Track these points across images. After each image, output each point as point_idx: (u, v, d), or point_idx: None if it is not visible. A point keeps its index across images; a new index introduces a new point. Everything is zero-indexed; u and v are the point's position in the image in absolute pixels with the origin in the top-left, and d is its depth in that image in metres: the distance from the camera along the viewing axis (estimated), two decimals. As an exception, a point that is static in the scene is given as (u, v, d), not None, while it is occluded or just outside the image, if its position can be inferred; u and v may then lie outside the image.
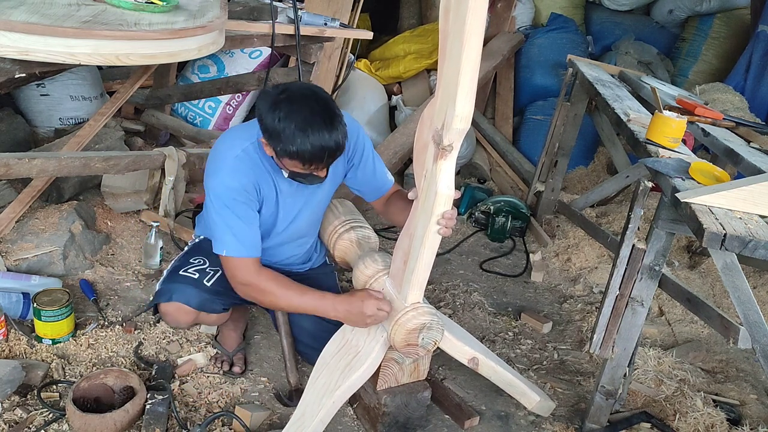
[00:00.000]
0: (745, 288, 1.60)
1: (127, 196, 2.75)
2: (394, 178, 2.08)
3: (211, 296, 1.88)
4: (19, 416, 1.74)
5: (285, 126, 1.57)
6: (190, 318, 1.90)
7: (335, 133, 1.59)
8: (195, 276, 1.89)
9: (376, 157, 1.96)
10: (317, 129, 1.57)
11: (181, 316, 1.89)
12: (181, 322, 1.92)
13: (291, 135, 1.57)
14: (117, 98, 2.59)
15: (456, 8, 1.33)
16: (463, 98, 1.35)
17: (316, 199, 1.94)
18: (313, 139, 1.57)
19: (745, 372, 2.39)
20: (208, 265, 1.94)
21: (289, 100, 1.59)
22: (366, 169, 1.93)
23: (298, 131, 1.56)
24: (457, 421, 2.00)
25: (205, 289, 1.87)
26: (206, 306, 1.88)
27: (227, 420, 1.84)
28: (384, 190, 1.98)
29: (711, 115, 2.46)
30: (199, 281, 1.88)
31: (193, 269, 1.91)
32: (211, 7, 2.13)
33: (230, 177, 1.71)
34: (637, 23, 4.59)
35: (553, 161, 3.37)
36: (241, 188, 1.72)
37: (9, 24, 1.60)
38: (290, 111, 1.57)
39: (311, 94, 1.62)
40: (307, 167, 1.65)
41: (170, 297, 1.86)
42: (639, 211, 1.77)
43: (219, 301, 1.91)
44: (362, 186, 1.98)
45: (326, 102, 1.62)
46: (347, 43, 3.67)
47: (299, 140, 1.57)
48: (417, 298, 1.70)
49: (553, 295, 2.87)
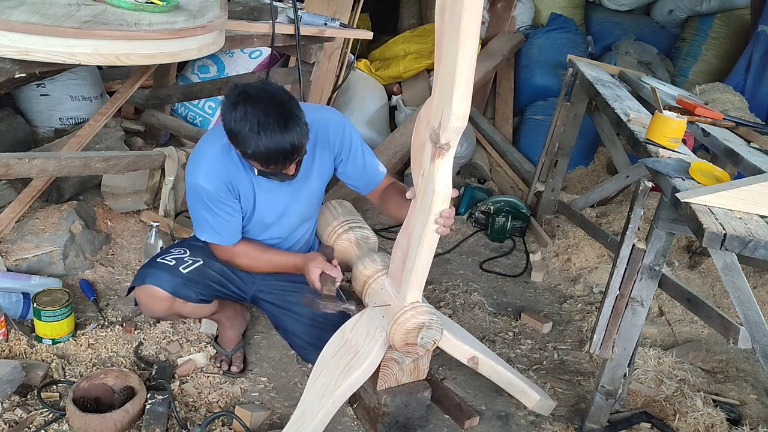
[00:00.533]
0: (745, 288, 1.60)
1: (127, 196, 2.75)
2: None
3: (184, 282, 1.87)
4: (19, 416, 1.74)
5: (240, 128, 1.60)
6: (163, 306, 1.87)
7: (290, 134, 1.60)
8: (171, 263, 1.91)
9: (366, 150, 1.97)
10: (270, 131, 1.58)
11: (154, 303, 1.87)
12: (154, 309, 1.90)
13: (246, 137, 1.60)
14: (117, 98, 2.59)
15: (451, 7, 1.33)
16: (459, 96, 1.36)
17: (304, 194, 1.96)
18: (266, 141, 1.59)
19: (745, 372, 2.39)
20: (188, 254, 1.95)
21: (245, 102, 1.60)
22: (356, 163, 1.95)
23: (252, 133, 1.59)
24: (457, 421, 2.00)
25: (179, 275, 1.88)
26: (179, 291, 1.87)
27: (227, 420, 1.84)
28: (376, 182, 1.99)
29: (711, 115, 2.46)
30: (175, 267, 1.89)
31: (171, 257, 1.93)
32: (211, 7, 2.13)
33: (205, 179, 1.77)
34: (637, 23, 4.59)
35: (553, 161, 3.37)
36: (216, 190, 1.78)
37: (9, 24, 1.60)
38: (245, 113, 1.59)
39: (267, 95, 1.62)
40: (267, 167, 1.68)
41: (143, 280, 1.87)
42: (639, 211, 1.77)
43: (194, 288, 1.90)
44: (354, 180, 2.00)
45: (282, 103, 1.62)
46: (347, 43, 3.66)
47: (253, 142, 1.60)
48: (416, 297, 1.70)
49: (553, 295, 2.87)
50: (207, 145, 1.82)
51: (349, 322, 1.86)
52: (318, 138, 1.87)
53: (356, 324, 1.84)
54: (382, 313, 1.77)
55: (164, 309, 1.90)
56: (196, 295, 1.91)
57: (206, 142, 1.84)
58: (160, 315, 1.96)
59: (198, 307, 1.97)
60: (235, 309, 2.20)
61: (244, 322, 2.23)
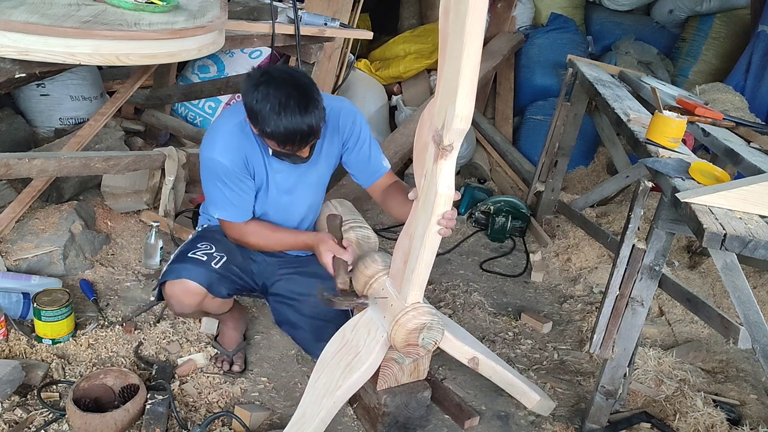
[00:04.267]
0: (745, 288, 1.60)
1: (127, 196, 2.75)
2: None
3: (218, 277, 1.90)
4: (19, 416, 1.74)
5: (261, 107, 1.65)
6: (195, 300, 1.87)
7: (309, 116, 1.65)
8: (203, 259, 1.93)
9: (373, 143, 2.00)
10: (290, 112, 1.63)
11: (187, 297, 1.87)
12: (185, 304, 1.89)
13: (266, 116, 1.65)
14: (117, 98, 2.59)
15: (456, 8, 1.33)
16: (463, 98, 1.36)
17: (311, 179, 1.98)
18: (285, 122, 1.64)
19: (745, 372, 2.39)
20: (215, 250, 1.97)
21: (268, 83, 1.65)
22: (360, 154, 1.98)
23: (272, 113, 1.64)
24: (457, 421, 2.00)
25: (212, 270, 1.90)
26: (213, 287, 1.89)
27: (227, 420, 1.84)
28: (378, 176, 2.01)
29: (711, 115, 2.46)
30: (207, 263, 1.91)
31: (201, 252, 1.95)
32: (211, 7, 2.13)
33: (221, 154, 1.80)
34: (637, 23, 4.60)
35: (553, 161, 3.37)
36: (232, 165, 1.81)
37: (9, 24, 1.60)
38: (267, 93, 1.64)
39: (289, 78, 1.68)
40: (283, 148, 1.72)
41: (179, 275, 1.87)
42: (639, 211, 1.77)
43: (224, 284, 1.93)
44: (357, 171, 2.02)
45: (304, 87, 1.67)
46: (347, 43, 3.66)
47: (273, 122, 1.65)
48: (417, 298, 1.70)
49: (553, 295, 2.87)
50: (223, 122, 1.86)
51: (350, 322, 1.86)
52: (328, 124, 1.91)
53: (357, 324, 1.83)
54: (383, 313, 1.77)
55: (195, 304, 1.90)
56: (226, 290, 1.94)
57: (222, 120, 1.87)
58: (188, 310, 1.94)
59: (224, 303, 1.99)
60: (240, 309, 2.21)
61: (245, 323, 2.24)
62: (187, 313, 2.00)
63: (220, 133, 1.83)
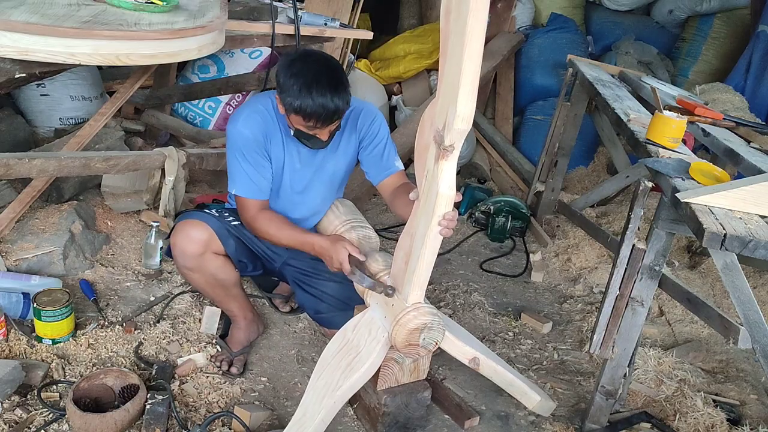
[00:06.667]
0: (745, 288, 1.60)
1: (127, 196, 2.75)
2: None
3: (228, 231, 1.99)
4: (19, 416, 1.74)
5: (294, 82, 1.75)
6: (199, 245, 1.93)
7: (337, 97, 1.75)
8: (217, 214, 2.04)
9: (390, 144, 2.06)
10: (321, 89, 1.73)
11: (193, 236, 1.93)
12: (188, 248, 1.93)
13: (297, 90, 1.74)
14: (117, 98, 2.59)
15: (457, 9, 1.33)
16: (464, 99, 1.36)
17: (327, 171, 2.06)
18: (315, 97, 1.73)
19: (745, 372, 2.39)
20: (228, 214, 2.07)
21: (305, 61, 1.78)
22: (375, 150, 2.04)
23: (304, 87, 1.74)
24: (457, 421, 2.00)
25: (225, 223, 2.00)
26: (222, 234, 1.96)
27: (227, 420, 1.84)
28: (387, 173, 2.04)
29: (711, 115, 2.46)
30: (220, 217, 2.02)
31: (215, 210, 2.08)
32: (211, 7, 2.14)
33: (243, 125, 1.90)
34: (637, 23, 4.60)
35: (553, 161, 3.37)
36: (253, 137, 1.90)
37: (9, 24, 1.60)
38: (301, 70, 1.75)
39: (324, 60, 1.81)
40: (308, 123, 1.79)
41: (192, 216, 1.98)
42: (639, 211, 1.77)
43: (233, 241, 2.00)
44: (368, 167, 2.08)
45: (336, 70, 1.80)
46: (347, 43, 3.66)
47: (303, 95, 1.74)
48: (418, 298, 1.70)
49: (553, 295, 2.87)
50: (248, 104, 1.97)
51: (351, 322, 1.86)
52: (349, 121, 2.01)
53: (358, 324, 1.84)
54: (384, 313, 1.77)
55: (199, 249, 1.94)
56: (233, 249, 2.00)
57: (247, 103, 1.98)
58: (191, 259, 1.94)
59: (225, 265, 2.01)
60: (255, 315, 2.22)
61: (257, 331, 2.23)
62: (189, 265, 1.97)
63: (245, 110, 1.93)
